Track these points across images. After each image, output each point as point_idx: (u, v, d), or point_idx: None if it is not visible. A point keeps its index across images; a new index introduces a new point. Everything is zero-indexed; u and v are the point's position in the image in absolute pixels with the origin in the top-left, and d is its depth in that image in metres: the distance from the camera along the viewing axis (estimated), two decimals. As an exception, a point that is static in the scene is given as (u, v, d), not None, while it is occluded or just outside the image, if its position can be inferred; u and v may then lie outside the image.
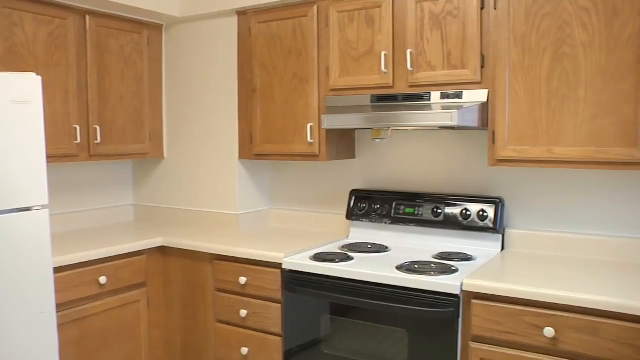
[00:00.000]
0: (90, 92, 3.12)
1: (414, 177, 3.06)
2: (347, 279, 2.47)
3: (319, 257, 2.65)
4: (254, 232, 3.31)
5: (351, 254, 2.72)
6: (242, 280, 2.82)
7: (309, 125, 2.96)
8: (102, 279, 2.80)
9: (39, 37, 2.86)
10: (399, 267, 2.43)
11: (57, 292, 2.56)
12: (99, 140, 3.17)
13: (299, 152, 3.02)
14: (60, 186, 3.39)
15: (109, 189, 3.69)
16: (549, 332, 2.03)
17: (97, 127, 3.16)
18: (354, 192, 3.15)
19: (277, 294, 2.73)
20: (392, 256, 2.69)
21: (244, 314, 2.83)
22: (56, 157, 2.95)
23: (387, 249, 2.83)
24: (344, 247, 2.88)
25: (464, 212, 2.78)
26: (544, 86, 2.34)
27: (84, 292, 2.74)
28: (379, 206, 3.03)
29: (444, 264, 2.48)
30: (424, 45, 2.61)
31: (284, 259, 2.68)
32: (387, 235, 3.03)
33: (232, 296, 2.89)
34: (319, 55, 2.94)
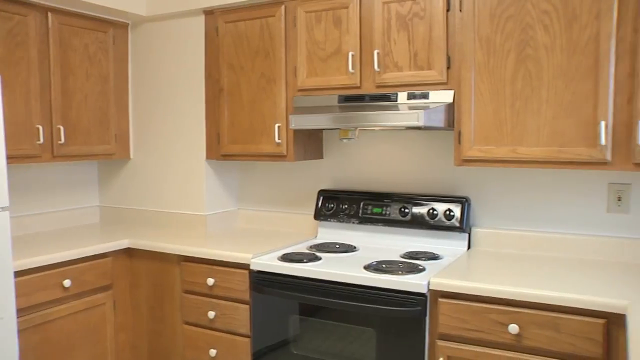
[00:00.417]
0: (53, 91, 3.06)
1: (381, 177, 3.08)
2: (315, 279, 2.47)
3: (287, 258, 2.64)
4: (221, 233, 3.29)
5: (319, 254, 2.72)
6: (210, 281, 2.80)
7: (277, 125, 2.95)
8: (66, 282, 2.74)
9: (-3, 34, 2.79)
10: (367, 267, 2.45)
11: (19, 296, 2.50)
12: (63, 140, 3.10)
13: (266, 152, 3.01)
14: (23, 188, 3.30)
15: (74, 190, 3.62)
16: (514, 328, 2.07)
17: (61, 127, 3.10)
18: (322, 192, 3.16)
19: (245, 295, 2.71)
20: (360, 256, 2.70)
21: (212, 315, 2.81)
22: (17, 158, 2.88)
23: (355, 248, 2.84)
24: (312, 247, 2.88)
25: (431, 211, 2.81)
26: (508, 87, 2.38)
27: (47, 295, 2.68)
28: (346, 206, 3.04)
29: (411, 263, 2.50)
30: (390, 46, 2.63)
31: (252, 260, 2.67)
32: (355, 235, 3.05)
33: (199, 297, 2.87)
34: (286, 55, 2.93)
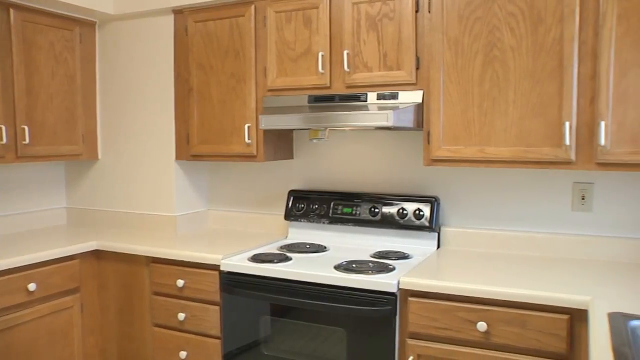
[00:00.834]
0: (16, 90, 2.98)
1: (351, 177, 3.09)
2: (285, 280, 2.47)
3: (257, 258, 2.63)
4: (191, 234, 3.26)
5: (289, 255, 2.72)
6: (180, 282, 2.77)
7: (247, 125, 2.94)
8: (31, 286, 2.68)
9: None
10: (337, 267, 2.45)
11: (-19, 300, 2.45)
12: (28, 140, 3.03)
13: (236, 152, 2.99)
14: (-15, 189, 3.23)
15: (40, 192, 3.54)
16: (482, 326, 2.10)
17: (25, 127, 3.03)
18: (292, 193, 3.15)
19: (216, 296, 2.69)
20: (330, 256, 2.70)
21: (182, 317, 2.78)
22: (-20, 159, 2.81)
23: (326, 248, 2.85)
24: (282, 247, 2.88)
25: (401, 211, 2.84)
26: (476, 88, 2.41)
27: (11, 300, 2.61)
28: (317, 206, 3.04)
29: (381, 262, 2.52)
30: (360, 46, 2.64)
31: (222, 261, 2.65)
32: (325, 235, 3.05)
33: (169, 299, 2.83)
34: (256, 55, 2.92)
